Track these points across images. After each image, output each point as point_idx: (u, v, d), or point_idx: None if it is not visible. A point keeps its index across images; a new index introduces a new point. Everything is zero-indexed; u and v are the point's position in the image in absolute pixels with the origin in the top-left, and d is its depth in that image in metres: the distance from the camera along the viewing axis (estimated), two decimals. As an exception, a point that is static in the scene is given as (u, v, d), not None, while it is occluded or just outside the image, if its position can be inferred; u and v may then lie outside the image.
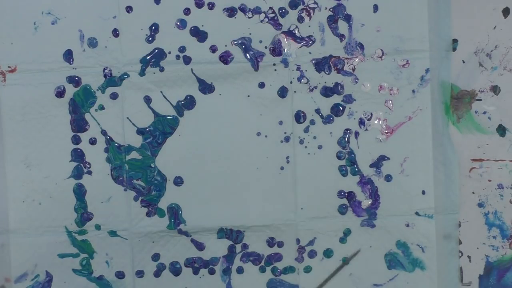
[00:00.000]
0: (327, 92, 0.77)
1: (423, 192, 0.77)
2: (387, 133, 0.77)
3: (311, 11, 0.76)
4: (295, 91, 0.77)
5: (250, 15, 0.76)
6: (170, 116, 0.77)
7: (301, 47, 0.76)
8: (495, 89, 0.77)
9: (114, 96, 0.76)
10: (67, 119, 0.77)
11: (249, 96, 0.77)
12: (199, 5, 0.76)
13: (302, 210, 0.77)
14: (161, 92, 0.77)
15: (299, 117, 0.77)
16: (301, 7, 0.76)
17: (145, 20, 0.76)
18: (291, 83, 0.77)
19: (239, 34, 0.76)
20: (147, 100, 0.77)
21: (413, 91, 0.77)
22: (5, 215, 0.76)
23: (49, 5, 0.75)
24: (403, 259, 0.78)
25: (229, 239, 0.78)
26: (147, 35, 0.76)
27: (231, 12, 0.76)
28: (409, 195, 0.77)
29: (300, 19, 0.76)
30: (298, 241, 0.78)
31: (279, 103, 0.77)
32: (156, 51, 0.76)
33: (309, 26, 0.76)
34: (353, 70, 0.77)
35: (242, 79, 0.77)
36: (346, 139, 0.77)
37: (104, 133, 0.77)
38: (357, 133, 0.77)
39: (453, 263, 0.78)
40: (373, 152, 0.78)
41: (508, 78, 0.77)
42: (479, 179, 0.78)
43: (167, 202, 0.78)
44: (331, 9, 0.76)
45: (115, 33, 0.76)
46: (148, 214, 0.77)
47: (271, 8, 0.76)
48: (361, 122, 0.77)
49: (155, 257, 0.78)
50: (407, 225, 0.78)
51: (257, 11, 0.76)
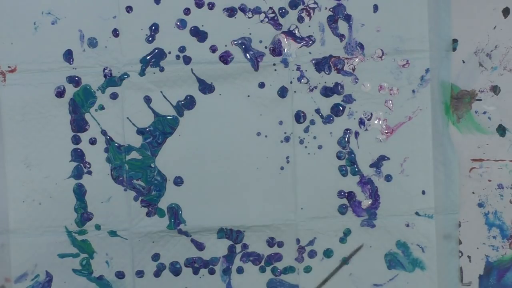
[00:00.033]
0: (327, 92, 0.77)
1: (423, 192, 0.77)
2: (387, 133, 0.77)
3: (311, 11, 0.76)
4: (295, 91, 0.77)
5: (250, 15, 0.76)
6: (170, 116, 0.77)
7: (301, 47, 0.76)
8: (495, 89, 0.77)
9: (114, 96, 0.76)
10: (67, 119, 0.77)
11: (249, 96, 0.77)
12: (199, 5, 0.76)
13: (302, 210, 0.77)
14: (161, 92, 0.77)
15: (299, 117, 0.77)
16: (301, 7, 0.76)
17: (145, 20, 0.76)
18: (291, 83, 0.77)
19: (239, 34, 0.76)
20: (147, 100, 0.77)
21: (413, 91, 0.77)
22: (5, 215, 0.76)
23: (49, 5, 0.75)
24: (403, 259, 0.78)
25: (229, 239, 0.78)
26: (147, 35, 0.76)
27: (231, 12, 0.76)
28: (409, 195, 0.77)
29: (300, 19, 0.76)
30: (298, 241, 0.78)
31: (279, 103, 0.77)
32: (156, 51, 0.76)
33: (309, 26, 0.76)
34: (353, 70, 0.77)
35: (242, 79, 0.77)
36: (346, 139, 0.77)
37: (104, 133, 0.77)
38: (357, 133, 0.77)
39: (453, 263, 0.78)
40: (373, 152, 0.78)
41: (508, 78, 0.77)
42: (479, 179, 0.78)
43: (167, 202, 0.78)
44: (331, 9, 0.76)
45: (115, 33, 0.76)
46: (148, 214, 0.77)
47: (271, 8, 0.76)
48: (361, 122, 0.77)
49: (155, 257, 0.78)
50: (407, 225, 0.78)
51: (257, 11, 0.76)
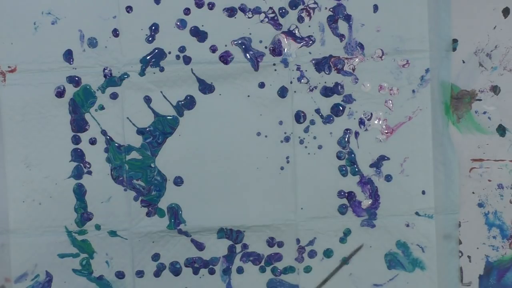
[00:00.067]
0: (327, 92, 0.77)
1: (423, 192, 0.77)
2: (387, 133, 0.77)
3: (311, 11, 0.76)
4: (295, 91, 0.77)
5: (250, 15, 0.76)
6: (170, 116, 0.77)
7: (301, 47, 0.76)
8: (495, 89, 0.77)
9: (114, 96, 0.76)
10: (67, 119, 0.77)
11: (249, 96, 0.77)
12: (199, 5, 0.76)
13: (302, 210, 0.77)
14: (161, 92, 0.77)
15: (299, 117, 0.77)
16: (301, 7, 0.76)
17: (145, 20, 0.76)
18: (291, 83, 0.77)
19: (239, 34, 0.76)
20: (147, 100, 0.77)
21: (413, 91, 0.77)
22: (5, 215, 0.76)
23: (49, 5, 0.75)
24: (403, 259, 0.78)
25: (229, 239, 0.78)
26: (147, 35, 0.76)
27: (231, 12, 0.76)
28: (409, 195, 0.77)
29: (300, 19, 0.76)
30: (298, 241, 0.78)
31: (279, 103, 0.77)
32: (156, 51, 0.76)
33: (309, 26, 0.76)
34: (353, 70, 0.77)
35: (242, 79, 0.77)
36: (346, 139, 0.77)
37: (104, 133, 0.77)
38: (357, 133, 0.77)
39: (453, 263, 0.78)
40: (373, 152, 0.78)
41: (508, 78, 0.77)
42: (479, 179, 0.78)
43: (167, 202, 0.78)
44: (331, 9, 0.76)
45: (115, 33, 0.76)
46: (148, 214, 0.77)
47: (271, 8, 0.76)
48: (361, 122, 0.77)
49: (155, 257, 0.78)
50: (407, 225, 0.78)
51: (257, 11, 0.76)
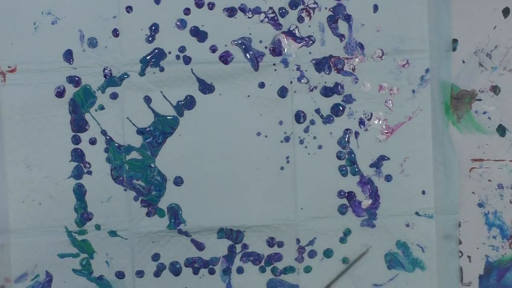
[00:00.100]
0: (327, 92, 0.77)
1: (423, 192, 0.77)
2: (387, 133, 0.77)
3: (311, 11, 0.76)
4: (295, 91, 0.77)
5: (250, 15, 0.76)
6: (170, 116, 0.77)
7: (301, 47, 0.76)
8: (495, 89, 0.77)
9: (114, 96, 0.76)
10: (67, 119, 0.77)
11: (249, 96, 0.77)
12: (199, 5, 0.76)
13: (302, 210, 0.77)
14: (161, 92, 0.77)
15: (299, 117, 0.77)
16: (301, 7, 0.76)
17: (145, 20, 0.76)
18: (291, 83, 0.77)
19: (239, 34, 0.76)
20: (147, 100, 0.77)
21: (413, 91, 0.77)
22: (5, 215, 0.76)
23: (49, 5, 0.75)
24: (403, 259, 0.78)
25: (229, 239, 0.78)
26: (147, 35, 0.76)
27: (231, 12, 0.76)
28: (409, 195, 0.77)
29: (300, 19, 0.76)
30: (298, 241, 0.78)
31: (279, 103, 0.77)
32: (156, 51, 0.76)
33: (309, 26, 0.76)
34: (353, 70, 0.77)
35: (242, 79, 0.77)
36: (346, 139, 0.77)
37: (104, 133, 0.77)
38: (357, 133, 0.77)
39: (453, 263, 0.78)
40: (373, 152, 0.78)
41: (508, 78, 0.77)
42: (479, 179, 0.78)
43: (167, 202, 0.78)
44: (331, 9, 0.76)
45: (115, 33, 0.76)
46: (148, 214, 0.77)
47: (271, 8, 0.76)
48: (361, 122, 0.77)
49: (155, 257, 0.78)
50: (407, 225, 0.78)
51: (257, 11, 0.76)
